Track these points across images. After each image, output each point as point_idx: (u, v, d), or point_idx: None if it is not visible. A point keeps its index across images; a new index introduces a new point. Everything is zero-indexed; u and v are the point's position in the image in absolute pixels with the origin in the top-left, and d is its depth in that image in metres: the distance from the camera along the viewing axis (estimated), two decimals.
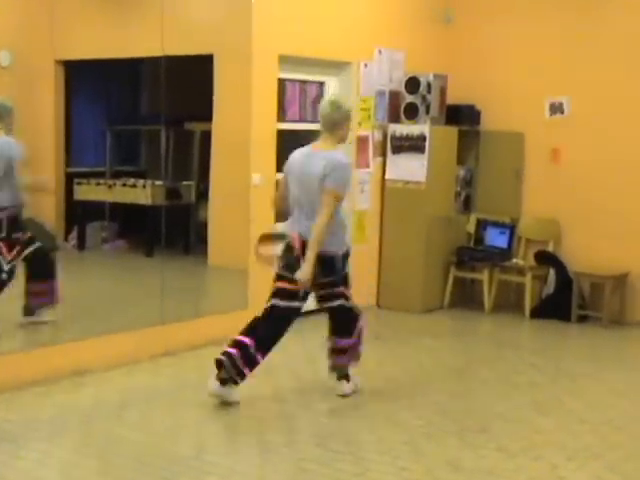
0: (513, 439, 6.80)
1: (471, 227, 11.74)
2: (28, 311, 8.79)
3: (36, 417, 7.04)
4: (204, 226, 10.63)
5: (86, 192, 11.24)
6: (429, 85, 11.10)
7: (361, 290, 10.93)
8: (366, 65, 11.03)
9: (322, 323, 7.74)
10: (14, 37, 10.27)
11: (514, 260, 11.38)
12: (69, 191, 11.19)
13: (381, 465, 6.18)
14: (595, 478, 6.04)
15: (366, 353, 9.22)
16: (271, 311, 7.42)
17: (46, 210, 10.75)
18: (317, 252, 7.06)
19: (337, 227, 7.31)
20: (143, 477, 5.86)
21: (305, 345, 9.64)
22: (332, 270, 7.38)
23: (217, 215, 10.31)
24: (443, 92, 11.33)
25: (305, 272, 7.06)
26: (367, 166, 11.23)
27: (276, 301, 7.40)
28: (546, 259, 11.16)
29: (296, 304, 7.45)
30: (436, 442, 6.70)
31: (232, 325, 9.31)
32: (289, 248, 7.42)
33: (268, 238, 7.93)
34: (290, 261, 7.37)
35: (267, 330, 7.42)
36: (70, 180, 11.20)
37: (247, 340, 7.27)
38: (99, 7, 10.57)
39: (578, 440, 6.83)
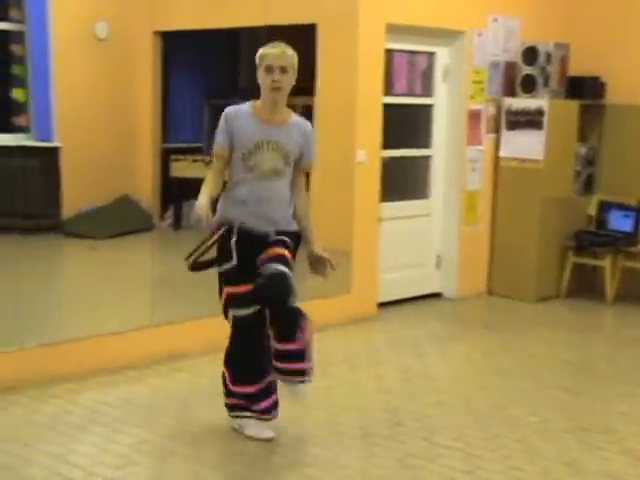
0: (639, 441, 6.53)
1: (592, 209, 11.41)
2: None
3: (131, 401, 7.11)
4: None
5: (183, 169, 11.42)
6: (549, 55, 10.79)
7: (471, 276, 10.80)
8: (480, 34, 10.76)
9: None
10: (111, 8, 10.63)
11: None
12: (165, 168, 11.45)
13: (492, 463, 6.09)
14: None
15: (474, 343, 9.10)
16: None
17: (141, 188, 10.98)
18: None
19: (228, 198, 6.30)
20: (237, 466, 5.94)
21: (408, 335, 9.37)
22: None
23: (319, 194, 10.06)
24: (564, 63, 11.03)
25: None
26: (479, 143, 10.99)
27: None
28: None
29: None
30: (552, 441, 6.51)
31: (334, 309, 9.27)
32: None
33: None
34: None
35: None
36: (167, 156, 11.45)
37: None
38: None
39: None
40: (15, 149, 9.66)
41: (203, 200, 5.91)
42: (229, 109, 6.11)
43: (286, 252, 6.14)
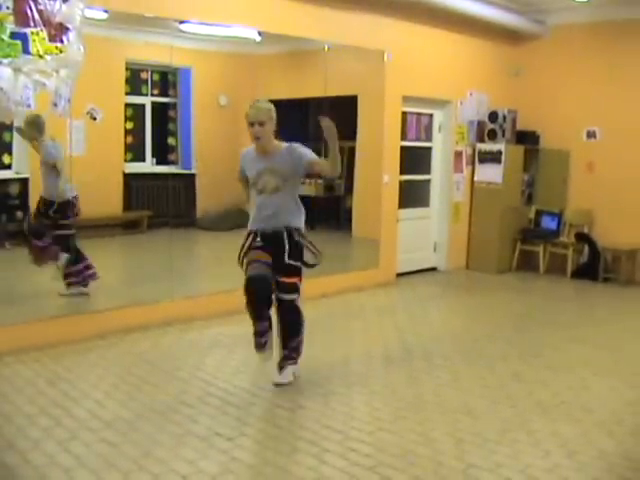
0: (557, 361, 6.69)
1: (532, 214, 11.45)
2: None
3: (241, 335, 6.94)
4: (349, 210, 10.60)
5: None
6: (504, 117, 10.93)
7: (455, 256, 10.99)
8: (462, 102, 10.88)
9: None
10: (228, 86, 10.57)
11: (561, 238, 11.10)
12: None
13: (469, 376, 6.13)
14: (612, 388, 5.94)
15: (457, 300, 9.24)
16: None
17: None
18: None
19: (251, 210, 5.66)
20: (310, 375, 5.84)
21: (415, 294, 9.36)
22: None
23: (359, 202, 10.36)
24: (514, 122, 11.14)
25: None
26: (461, 171, 11.07)
27: None
28: (583, 238, 10.89)
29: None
30: (505, 362, 6.59)
31: (368, 278, 9.46)
32: None
33: None
34: None
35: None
36: None
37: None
38: (283, 64, 10.62)
39: (601, 360, 6.73)
40: (170, 175, 9.83)
41: None
42: (243, 150, 5.71)
43: (295, 279, 5.63)
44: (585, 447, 4.66)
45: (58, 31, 5.61)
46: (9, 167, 8.39)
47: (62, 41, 5.64)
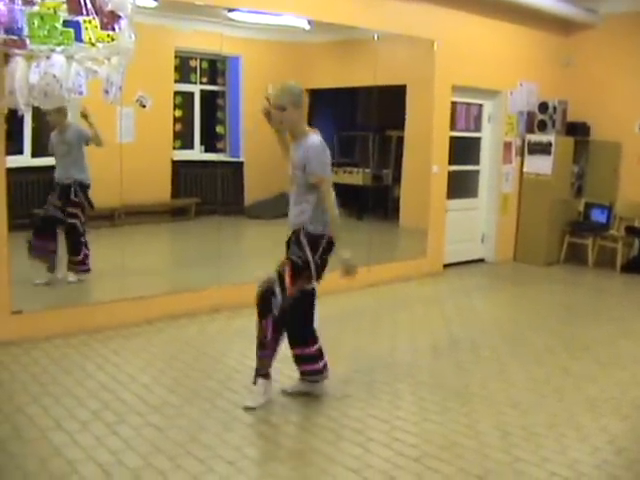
0: (606, 355, 6.61)
1: (581, 207, 11.30)
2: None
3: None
4: (397, 200, 10.59)
5: None
6: (555, 108, 10.82)
7: (503, 248, 10.91)
8: (512, 93, 10.76)
9: None
10: (277, 75, 10.54)
11: (610, 231, 10.93)
12: None
13: (515, 366, 6.11)
14: None
15: (504, 291, 9.21)
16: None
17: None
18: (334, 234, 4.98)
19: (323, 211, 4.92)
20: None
21: (462, 285, 9.31)
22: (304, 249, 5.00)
23: (407, 193, 10.36)
24: (564, 113, 11.01)
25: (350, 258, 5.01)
26: (511, 162, 10.97)
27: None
28: (633, 231, 10.74)
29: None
30: (551, 354, 6.57)
31: (415, 267, 9.45)
32: None
33: None
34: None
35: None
36: None
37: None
38: (332, 53, 10.64)
39: None
40: (218, 162, 9.85)
41: None
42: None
43: (286, 271, 4.95)
44: (634, 444, 4.60)
45: (110, 19, 5.68)
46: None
47: (114, 29, 5.71)
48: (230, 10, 7.72)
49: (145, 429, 4.49)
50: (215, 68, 10.50)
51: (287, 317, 4.96)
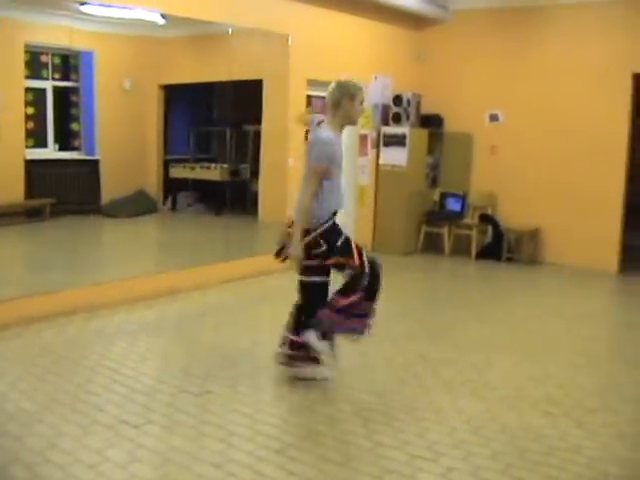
0: (462, 339, 6.82)
1: (436, 197, 11.63)
2: None
3: (145, 321, 7.05)
4: (255, 195, 10.60)
5: (177, 172, 11.55)
6: (409, 100, 11.05)
7: (362, 239, 11.01)
8: (367, 86, 10.74)
9: None
10: (132, 69, 10.52)
11: (465, 220, 11.31)
12: (166, 171, 11.51)
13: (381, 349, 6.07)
14: (515, 364, 6.09)
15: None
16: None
17: (150, 184, 11.03)
18: (304, 227, 5.14)
19: (322, 201, 5.21)
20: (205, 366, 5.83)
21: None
22: (319, 243, 5.22)
23: (264, 187, 10.37)
24: (418, 105, 11.27)
25: (293, 248, 5.17)
26: (366, 155, 11.14)
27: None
28: (486, 219, 11.14)
29: (318, 279, 5.37)
30: (412, 341, 6.70)
31: (274, 262, 9.37)
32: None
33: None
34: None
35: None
36: (167, 164, 11.54)
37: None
38: (187, 48, 10.56)
39: (504, 338, 6.90)
40: (73, 161, 9.69)
41: None
42: (328, 134, 5.13)
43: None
44: (489, 422, 4.77)
45: None
46: None
47: None
48: (82, 4, 7.54)
49: (0, 439, 4.32)
50: (68, 63, 10.24)
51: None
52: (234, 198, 10.45)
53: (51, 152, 10.01)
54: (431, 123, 11.44)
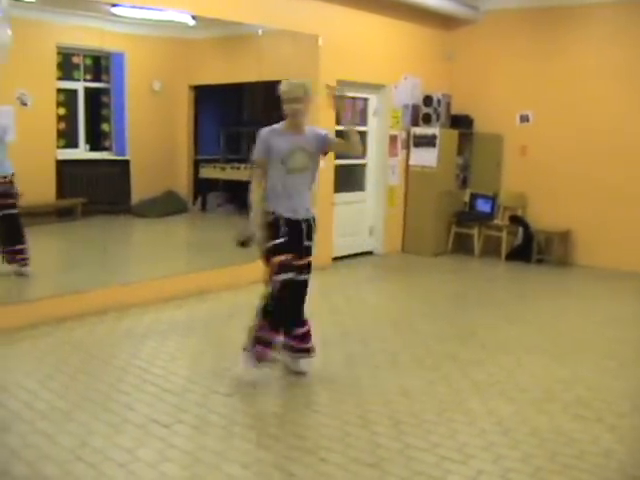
0: (492, 340, 6.79)
1: (466, 198, 11.59)
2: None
3: (175, 321, 7.09)
4: None
5: (207, 172, 11.46)
6: (439, 101, 11.03)
7: (392, 240, 11.01)
8: (396, 86, 10.92)
9: None
10: (162, 71, 10.53)
11: (495, 221, 11.26)
12: (196, 172, 11.46)
13: (405, 354, 6.18)
14: (544, 366, 6.06)
15: (394, 281, 9.26)
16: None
17: (180, 184, 11.04)
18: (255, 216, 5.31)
19: (270, 193, 5.26)
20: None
21: (352, 277, 9.31)
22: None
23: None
24: (448, 106, 11.25)
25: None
26: (396, 155, 11.11)
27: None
28: (516, 220, 11.07)
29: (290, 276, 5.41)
30: (441, 342, 6.67)
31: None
32: None
33: None
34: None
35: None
36: (197, 164, 11.46)
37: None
38: (217, 49, 10.61)
39: (534, 339, 6.86)
40: (103, 161, 9.73)
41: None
42: (264, 130, 5.26)
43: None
44: (519, 424, 4.74)
45: None
46: None
47: None
48: (113, 5, 7.59)
49: (32, 436, 4.36)
50: (99, 64, 10.29)
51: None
52: None
53: (82, 152, 10.06)
54: (461, 124, 11.40)
